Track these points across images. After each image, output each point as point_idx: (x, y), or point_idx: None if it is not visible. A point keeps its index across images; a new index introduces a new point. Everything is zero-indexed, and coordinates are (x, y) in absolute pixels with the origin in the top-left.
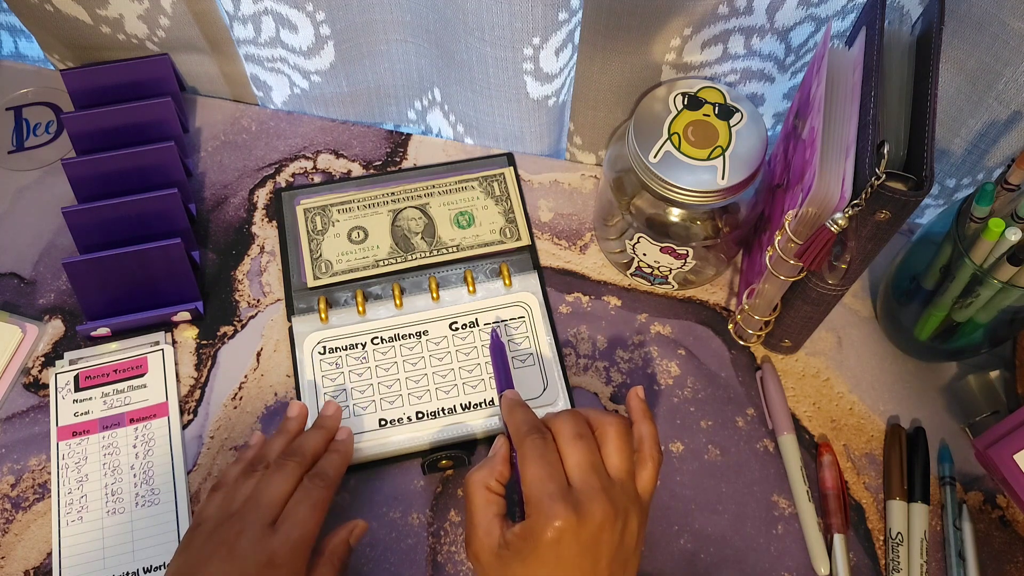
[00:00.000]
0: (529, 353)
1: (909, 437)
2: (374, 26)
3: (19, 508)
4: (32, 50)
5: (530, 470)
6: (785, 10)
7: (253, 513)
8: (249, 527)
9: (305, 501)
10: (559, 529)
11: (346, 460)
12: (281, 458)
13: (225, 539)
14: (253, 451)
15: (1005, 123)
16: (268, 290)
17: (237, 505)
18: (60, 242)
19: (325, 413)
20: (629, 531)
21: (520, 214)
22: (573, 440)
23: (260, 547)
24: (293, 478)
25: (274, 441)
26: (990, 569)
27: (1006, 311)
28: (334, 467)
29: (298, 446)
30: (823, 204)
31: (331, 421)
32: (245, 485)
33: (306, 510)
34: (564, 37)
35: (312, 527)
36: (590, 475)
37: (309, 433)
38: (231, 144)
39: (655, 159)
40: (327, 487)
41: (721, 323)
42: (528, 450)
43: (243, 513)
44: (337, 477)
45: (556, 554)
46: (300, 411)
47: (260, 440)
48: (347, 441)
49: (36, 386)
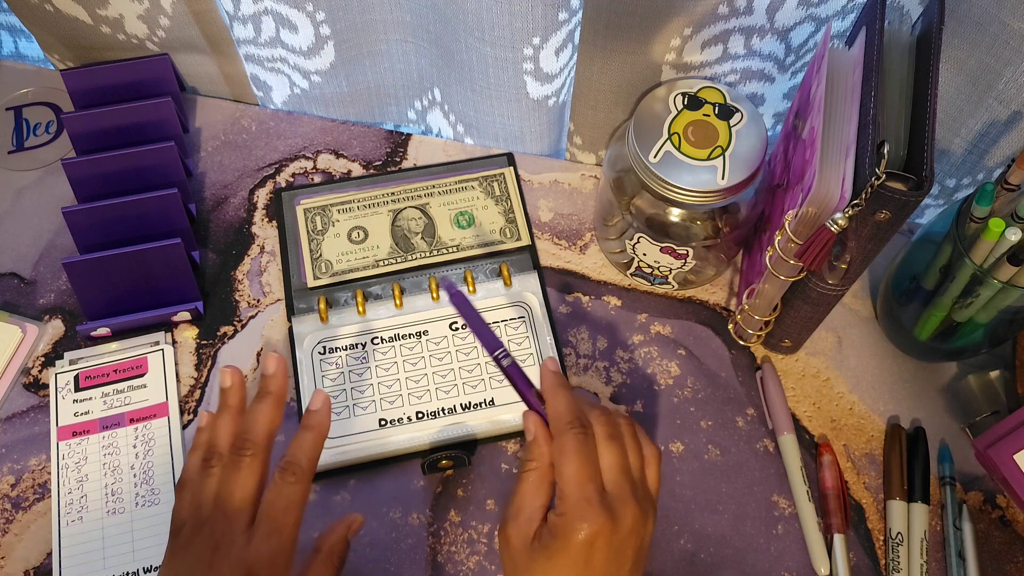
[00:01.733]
0: (529, 353)
1: (909, 437)
2: (374, 26)
3: (19, 508)
4: (32, 50)
5: (571, 466)
6: (785, 10)
7: (222, 523)
8: (222, 539)
9: (277, 502)
10: (594, 533)
11: (321, 437)
12: (232, 452)
13: (200, 557)
14: (205, 434)
15: (1005, 123)
16: (268, 290)
17: (207, 510)
18: (60, 242)
19: (266, 372)
20: (648, 533)
21: (520, 214)
22: (608, 440)
23: (236, 563)
24: (252, 473)
25: (218, 422)
26: (990, 569)
27: (1006, 311)
28: (305, 452)
29: (245, 432)
30: (823, 204)
31: (274, 383)
32: (207, 483)
33: (279, 513)
34: (564, 37)
35: (289, 530)
36: (622, 479)
37: (252, 408)
38: (231, 144)
39: (655, 159)
40: (299, 480)
41: (721, 323)
42: (569, 443)
43: (211, 523)
44: (311, 464)
45: (586, 556)
46: (234, 378)
47: (209, 421)
48: (321, 412)
49: (36, 386)
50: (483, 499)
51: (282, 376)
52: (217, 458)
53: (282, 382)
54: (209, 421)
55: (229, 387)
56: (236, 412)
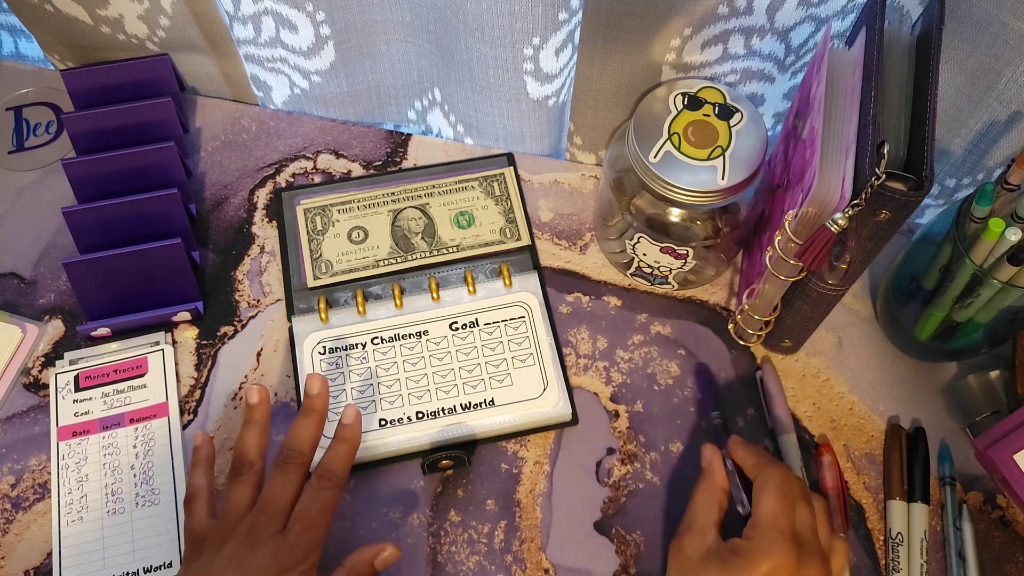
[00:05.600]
0: (529, 353)
1: (909, 437)
2: (374, 26)
3: (19, 508)
4: (32, 50)
5: (770, 500)
6: (785, 10)
7: (262, 520)
8: (260, 537)
9: (313, 505)
10: (778, 564)
11: (353, 449)
12: (280, 461)
13: (237, 551)
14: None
15: (1005, 123)
16: (268, 290)
17: (239, 512)
18: (60, 242)
19: (310, 393)
20: None
21: (520, 214)
22: (802, 500)
23: (272, 556)
24: (296, 479)
25: (247, 436)
26: (990, 569)
27: (1006, 311)
28: (341, 462)
29: (294, 442)
30: (823, 204)
31: (319, 402)
32: (237, 491)
33: (315, 514)
34: (564, 37)
35: (321, 531)
36: (812, 536)
37: (301, 423)
38: (231, 144)
39: (655, 159)
40: (335, 487)
41: (721, 323)
42: (771, 479)
43: (252, 522)
44: (345, 473)
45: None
46: (262, 395)
47: (205, 440)
48: (354, 426)
49: (36, 386)
50: (483, 499)
51: (325, 396)
52: (248, 467)
53: (325, 401)
54: (204, 440)
55: (256, 403)
56: (262, 426)
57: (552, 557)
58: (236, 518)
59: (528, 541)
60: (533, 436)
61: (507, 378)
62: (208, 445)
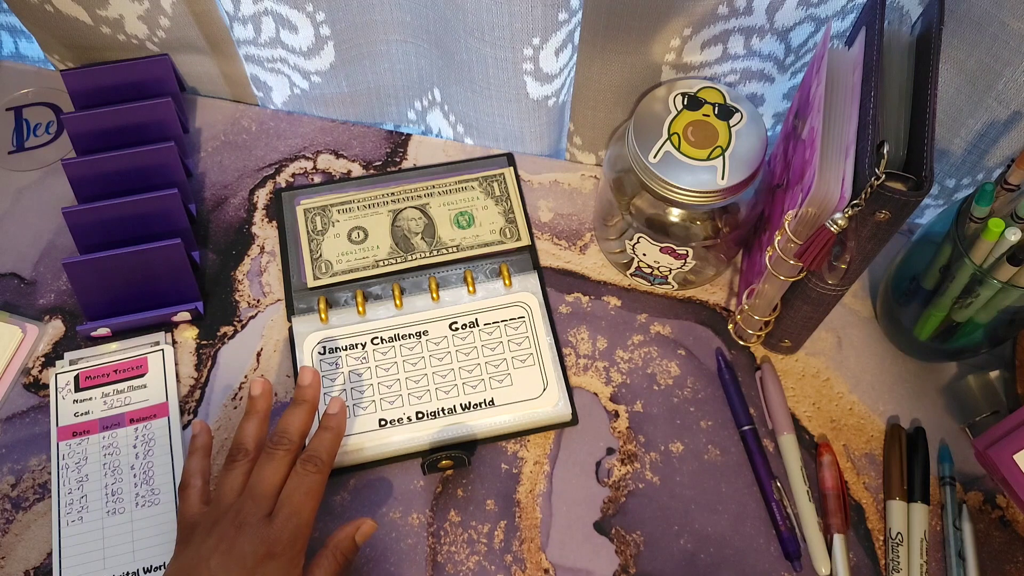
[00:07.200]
0: (529, 353)
1: (909, 437)
2: (374, 26)
3: (19, 508)
4: (32, 50)
5: None
6: (785, 10)
7: (249, 505)
8: (247, 521)
9: (299, 488)
10: None
11: (338, 436)
12: (270, 446)
13: (224, 535)
14: (202, 438)
15: (1005, 123)
16: (268, 290)
17: (230, 498)
18: (60, 242)
19: (302, 384)
20: None
21: (520, 214)
22: None
23: (259, 540)
24: (284, 465)
25: (247, 426)
26: (990, 569)
27: (1006, 311)
28: (326, 448)
29: (284, 430)
30: (823, 204)
31: (310, 392)
32: (230, 478)
33: (300, 497)
34: (564, 37)
35: (308, 514)
36: None
37: (292, 412)
38: (231, 144)
39: (655, 159)
40: (320, 471)
41: (721, 323)
42: None
43: (239, 507)
44: (330, 458)
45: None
46: (264, 388)
47: (203, 428)
48: (339, 415)
49: (36, 386)
50: (483, 499)
51: (317, 388)
52: (243, 454)
53: (316, 393)
54: (202, 427)
55: (259, 395)
56: (262, 417)
57: (552, 557)
58: (227, 504)
59: (528, 541)
60: (533, 436)
61: (507, 378)
62: (206, 433)
